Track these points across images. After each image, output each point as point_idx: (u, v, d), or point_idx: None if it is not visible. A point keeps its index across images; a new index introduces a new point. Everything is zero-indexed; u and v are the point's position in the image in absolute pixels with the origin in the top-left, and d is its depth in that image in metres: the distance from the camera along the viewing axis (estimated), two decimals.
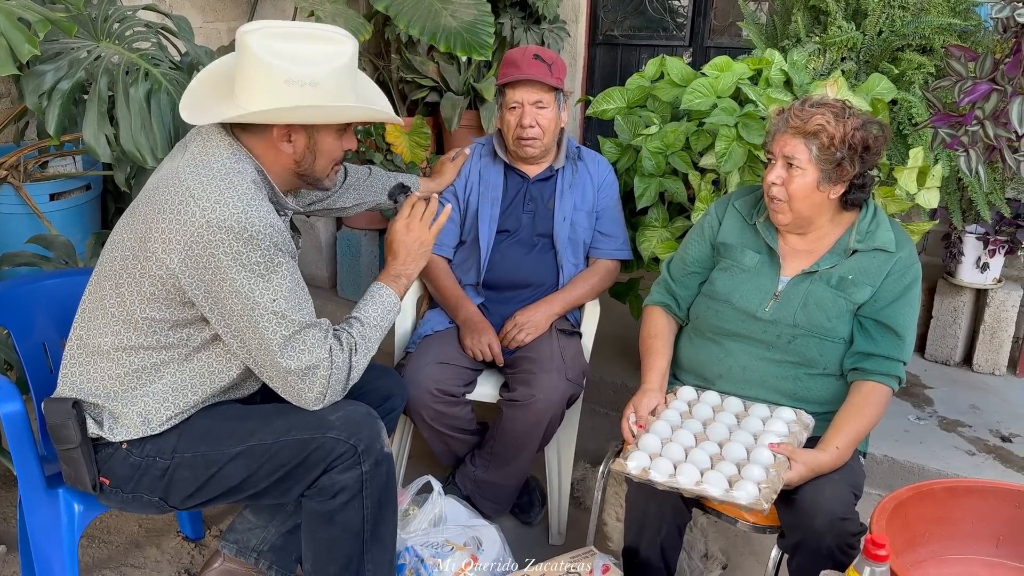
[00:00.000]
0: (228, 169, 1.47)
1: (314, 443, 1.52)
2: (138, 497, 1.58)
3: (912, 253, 1.74)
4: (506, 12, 3.75)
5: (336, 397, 1.55)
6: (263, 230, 1.43)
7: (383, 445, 1.58)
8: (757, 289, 1.77)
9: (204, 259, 1.42)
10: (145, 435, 1.54)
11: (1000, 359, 3.05)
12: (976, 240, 2.95)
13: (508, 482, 2.17)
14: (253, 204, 1.44)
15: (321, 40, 1.49)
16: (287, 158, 1.54)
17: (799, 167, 1.66)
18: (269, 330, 1.45)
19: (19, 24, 1.79)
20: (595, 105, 2.55)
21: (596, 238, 2.30)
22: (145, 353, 1.53)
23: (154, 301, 1.49)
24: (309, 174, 1.59)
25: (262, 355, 1.48)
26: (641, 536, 1.75)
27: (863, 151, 1.65)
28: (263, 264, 1.43)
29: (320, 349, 1.49)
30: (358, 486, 1.55)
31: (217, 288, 1.44)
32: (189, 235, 1.42)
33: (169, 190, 1.46)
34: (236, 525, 1.85)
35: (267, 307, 1.44)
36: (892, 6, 2.49)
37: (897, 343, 1.69)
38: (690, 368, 1.87)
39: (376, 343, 1.62)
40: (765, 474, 1.51)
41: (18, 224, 2.42)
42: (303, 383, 1.50)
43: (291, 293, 1.47)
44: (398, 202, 1.92)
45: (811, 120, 1.63)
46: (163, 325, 1.51)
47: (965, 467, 2.44)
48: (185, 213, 1.42)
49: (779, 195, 1.69)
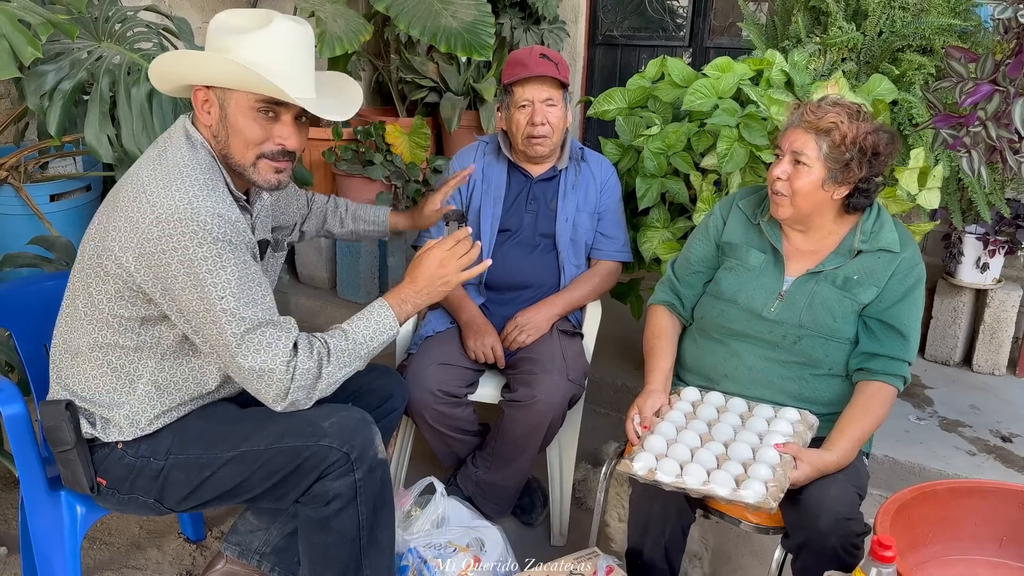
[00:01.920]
0: (180, 159, 1.44)
1: (307, 451, 1.50)
2: (134, 498, 1.58)
3: (916, 253, 1.75)
4: (506, 12, 3.75)
5: (301, 404, 1.49)
6: (209, 221, 1.38)
7: (377, 451, 1.56)
8: (762, 289, 1.77)
9: (156, 255, 1.39)
10: (137, 435, 1.54)
11: (1000, 359, 3.06)
12: (976, 240, 2.95)
13: (509, 483, 2.17)
14: (200, 195, 1.40)
15: (253, 16, 1.49)
16: (208, 132, 1.50)
17: (806, 163, 1.66)
18: (223, 326, 1.40)
19: (21, 26, 1.79)
20: (596, 106, 2.55)
21: (597, 239, 2.30)
22: (121, 352, 1.51)
23: (120, 299, 1.47)
24: (228, 155, 1.50)
25: (222, 351, 1.44)
26: (645, 537, 1.75)
27: (872, 155, 1.65)
28: (209, 259, 1.38)
29: (276, 350, 1.43)
30: (352, 493, 1.53)
31: (170, 284, 1.40)
32: (141, 232, 1.39)
33: (128, 187, 1.45)
34: (238, 527, 1.85)
35: (216, 303, 1.39)
36: (892, 7, 2.49)
37: (902, 343, 1.69)
38: (694, 369, 1.87)
39: (359, 360, 1.55)
40: (772, 473, 1.52)
41: (19, 225, 2.42)
42: (259, 383, 1.45)
43: (241, 289, 1.41)
44: (448, 227, 1.81)
45: (825, 117, 1.63)
46: (133, 323, 1.49)
47: (965, 467, 2.45)
48: (138, 210, 1.40)
49: (783, 190, 1.69)
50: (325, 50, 2.72)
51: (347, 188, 3.63)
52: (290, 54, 1.48)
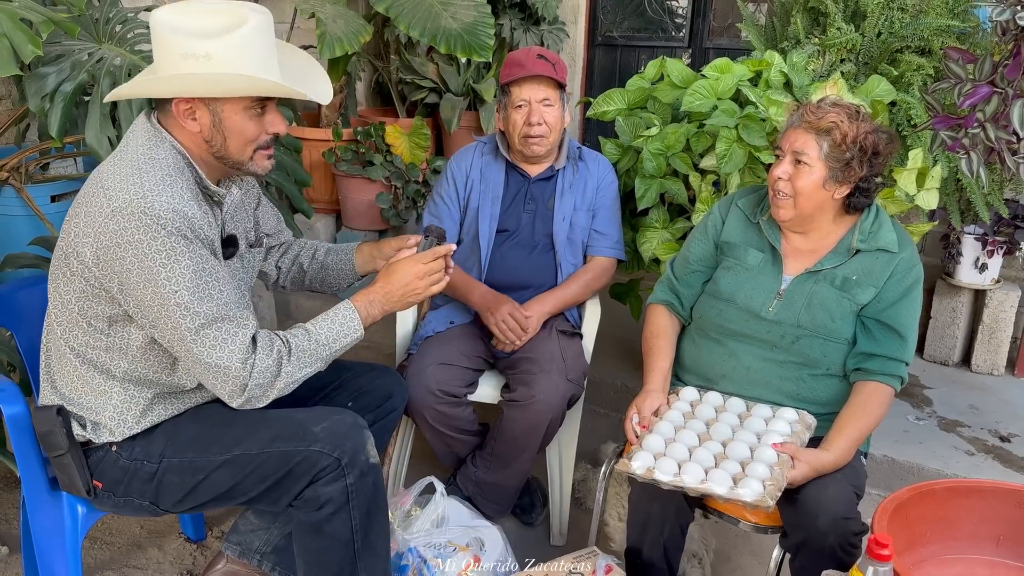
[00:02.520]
0: (140, 156, 1.44)
1: (298, 455, 1.51)
2: (129, 501, 1.58)
3: (914, 254, 1.75)
4: (505, 13, 3.76)
5: (257, 402, 1.48)
6: (164, 215, 1.38)
7: (368, 456, 1.56)
8: (760, 288, 1.78)
9: (111, 249, 1.39)
10: (127, 435, 1.54)
11: (999, 359, 3.06)
12: (975, 241, 2.96)
13: (509, 483, 2.17)
14: (156, 189, 1.39)
15: (221, 13, 1.43)
16: (197, 138, 1.48)
17: (807, 163, 1.67)
18: (177, 320, 1.40)
19: (22, 24, 1.79)
20: (596, 106, 2.56)
21: (591, 236, 2.30)
22: (94, 352, 1.51)
23: (85, 298, 1.47)
24: (225, 156, 1.51)
25: (178, 345, 1.43)
26: (644, 536, 1.76)
27: (872, 154, 1.66)
28: (163, 252, 1.38)
29: (233, 346, 1.43)
30: (343, 498, 1.53)
31: (126, 278, 1.40)
32: (97, 226, 1.39)
33: (88, 183, 1.45)
34: (238, 527, 1.85)
35: (170, 297, 1.39)
36: (891, 8, 2.50)
37: (899, 343, 1.70)
38: (693, 368, 1.87)
39: (320, 361, 1.54)
40: (769, 472, 1.52)
41: (20, 226, 2.42)
42: (215, 379, 1.44)
43: (196, 283, 1.40)
44: (428, 241, 1.79)
45: (825, 117, 1.64)
46: (102, 323, 1.48)
47: (964, 467, 2.45)
48: (95, 204, 1.40)
49: (784, 190, 1.70)
50: (325, 51, 2.73)
51: (347, 189, 3.64)
52: (269, 44, 1.48)
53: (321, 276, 1.95)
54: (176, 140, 1.49)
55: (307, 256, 1.93)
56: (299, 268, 1.92)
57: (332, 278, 1.96)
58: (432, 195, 2.35)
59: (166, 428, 1.57)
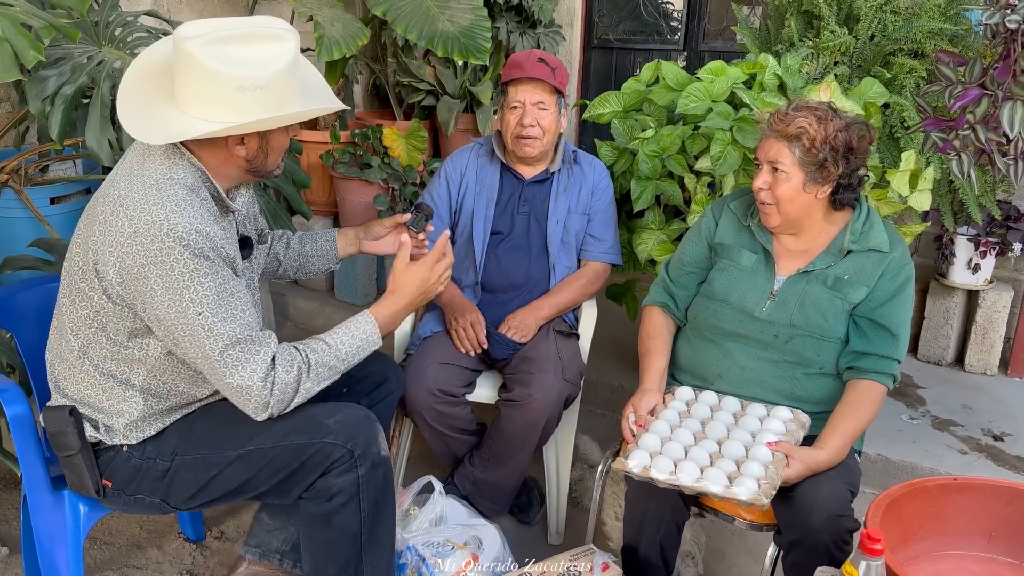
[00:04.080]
0: (159, 176, 1.44)
1: (312, 447, 1.53)
2: (140, 499, 1.60)
3: (905, 253, 1.77)
4: (502, 16, 3.78)
5: (278, 413, 1.51)
6: (187, 235, 1.39)
7: (380, 449, 1.59)
8: (754, 289, 1.80)
9: (135, 270, 1.40)
10: (141, 439, 1.56)
11: (991, 359, 3.09)
12: (967, 242, 2.98)
13: (506, 482, 2.19)
14: (178, 211, 1.40)
15: (264, 39, 1.43)
16: (239, 159, 1.51)
17: (784, 171, 1.69)
18: (202, 341, 1.42)
19: (23, 29, 1.81)
20: (592, 109, 2.58)
21: (586, 240, 2.32)
22: (112, 364, 1.53)
23: (105, 313, 1.48)
24: (260, 170, 1.56)
25: (203, 364, 1.45)
26: (640, 534, 1.78)
27: (847, 152, 1.68)
28: (187, 273, 1.39)
29: (255, 365, 1.44)
30: (354, 489, 1.56)
31: (150, 299, 1.41)
32: (120, 246, 1.40)
33: (104, 200, 1.46)
34: (255, 530, 1.86)
35: (194, 318, 1.40)
36: (884, 11, 2.52)
37: (892, 342, 1.72)
38: (688, 368, 1.89)
39: (337, 373, 1.56)
40: (764, 471, 1.54)
41: (20, 228, 2.43)
42: (239, 397, 1.46)
43: (218, 304, 1.42)
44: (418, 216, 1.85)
45: (793, 123, 1.67)
46: (120, 336, 1.50)
47: (958, 466, 2.47)
48: (116, 224, 1.41)
49: (767, 199, 1.73)
50: (323, 54, 2.74)
51: (344, 191, 3.65)
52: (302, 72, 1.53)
53: (298, 263, 1.96)
54: (195, 157, 1.49)
55: (282, 246, 1.94)
56: (274, 258, 1.93)
57: (311, 264, 1.97)
58: (424, 193, 2.37)
59: (178, 426, 1.59)
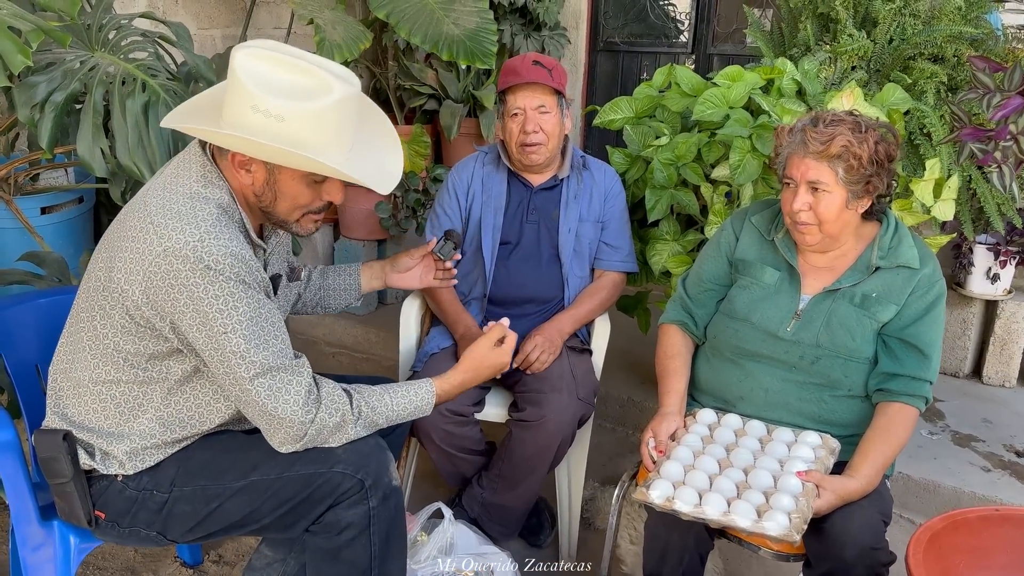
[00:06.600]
0: (193, 194, 1.38)
1: (320, 478, 1.45)
2: (135, 532, 1.52)
3: (936, 269, 1.70)
4: (506, 19, 3.70)
5: (303, 449, 1.45)
6: (221, 259, 1.33)
7: (391, 479, 1.51)
8: (778, 308, 1.72)
9: (164, 290, 1.34)
10: (138, 469, 1.48)
11: (1010, 371, 3.01)
12: (987, 251, 2.91)
13: (517, 505, 2.11)
14: (212, 232, 1.34)
15: (306, 73, 1.34)
16: (247, 189, 1.44)
17: (826, 190, 1.60)
18: (233, 367, 1.36)
19: (10, 33, 1.72)
20: (603, 115, 2.49)
21: (601, 249, 2.24)
22: (126, 387, 1.45)
23: (126, 333, 1.41)
24: (271, 212, 1.47)
25: (232, 388, 1.39)
26: (663, 566, 1.69)
27: (888, 163, 1.61)
28: (221, 298, 1.33)
29: (289, 395, 1.38)
30: (365, 522, 1.48)
31: (178, 320, 1.35)
32: (148, 264, 1.34)
33: (134, 216, 1.39)
34: (254, 563, 1.78)
35: (225, 344, 1.34)
36: (903, 14, 2.45)
37: (923, 362, 1.64)
38: (708, 390, 1.81)
39: (376, 428, 1.52)
40: (795, 504, 1.46)
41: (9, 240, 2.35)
42: (270, 425, 1.40)
43: (251, 330, 1.36)
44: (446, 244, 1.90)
45: (833, 142, 1.57)
46: (139, 358, 1.43)
47: (981, 484, 2.40)
48: (145, 241, 1.34)
49: (808, 219, 1.64)
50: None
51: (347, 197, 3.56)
52: (348, 117, 1.40)
53: (319, 298, 1.89)
54: (227, 181, 1.43)
55: (303, 281, 1.87)
56: (295, 294, 1.86)
57: (331, 299, 1.90)
58: (434, 207, 2.29)
59: (177, 456, 1.51)
